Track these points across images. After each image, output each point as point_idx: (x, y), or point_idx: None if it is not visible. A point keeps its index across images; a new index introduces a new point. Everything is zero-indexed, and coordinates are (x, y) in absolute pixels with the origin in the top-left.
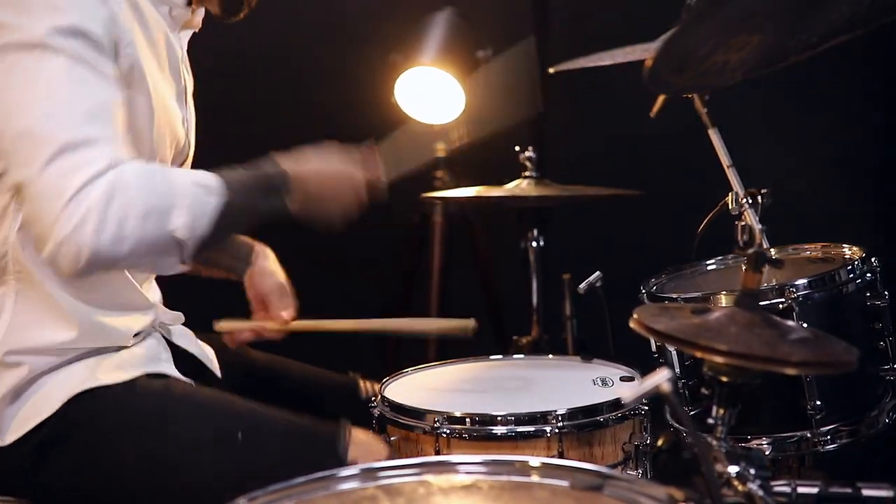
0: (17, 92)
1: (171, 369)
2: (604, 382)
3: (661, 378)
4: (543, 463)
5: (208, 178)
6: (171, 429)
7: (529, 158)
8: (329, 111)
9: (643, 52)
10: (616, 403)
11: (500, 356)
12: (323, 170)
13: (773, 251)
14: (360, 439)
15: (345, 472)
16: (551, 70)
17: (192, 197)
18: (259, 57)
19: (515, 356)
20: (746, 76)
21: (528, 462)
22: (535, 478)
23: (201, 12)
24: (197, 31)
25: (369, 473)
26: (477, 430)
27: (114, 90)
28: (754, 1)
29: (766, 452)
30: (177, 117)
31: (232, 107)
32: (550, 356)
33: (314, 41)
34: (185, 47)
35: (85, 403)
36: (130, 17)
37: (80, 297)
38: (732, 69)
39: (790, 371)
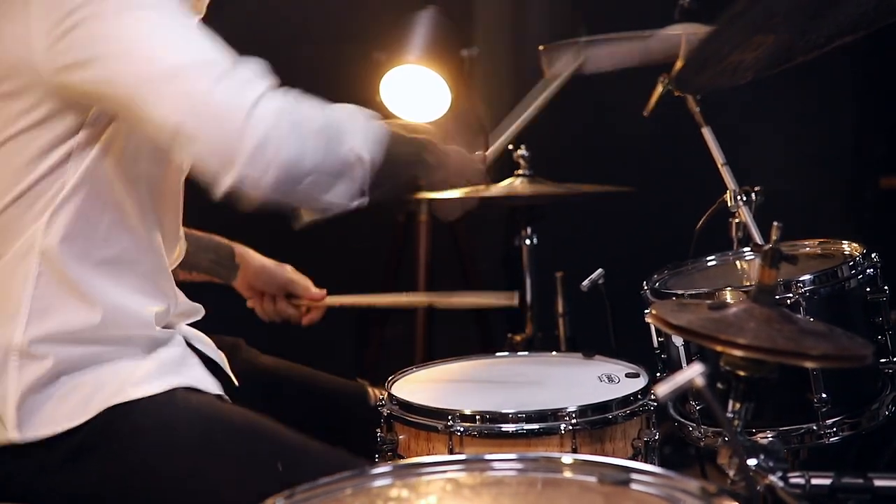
0: (149, 40)
1: (203, 377)
2: (610, 379)
3: (694, 372)
4: (576, 459)
5: (368, 112)
6: (210, 451)
7: (523, 156)
8: None
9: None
10: (625, 400)
11: (504, 353)
12: (456, 149)
13: None
14: None
15: (375, 469)
16: (541, 47)
17: (360, 122)
18: (242, 55)
19: (519, 353)
20: (756, 76)
21: (559, 458)
22: (564, 474)
23: None
24: (201, 16)
25: (398, 471)
26: (489, 428)
27: None
28: (780, 1)
29: None
30: None
31: None
32: (554, 353)
33: (298, 39)
34: None
35: (121, 415)
36: None
37: (113, 284)
38: (745, 69)
39: (811, 364)
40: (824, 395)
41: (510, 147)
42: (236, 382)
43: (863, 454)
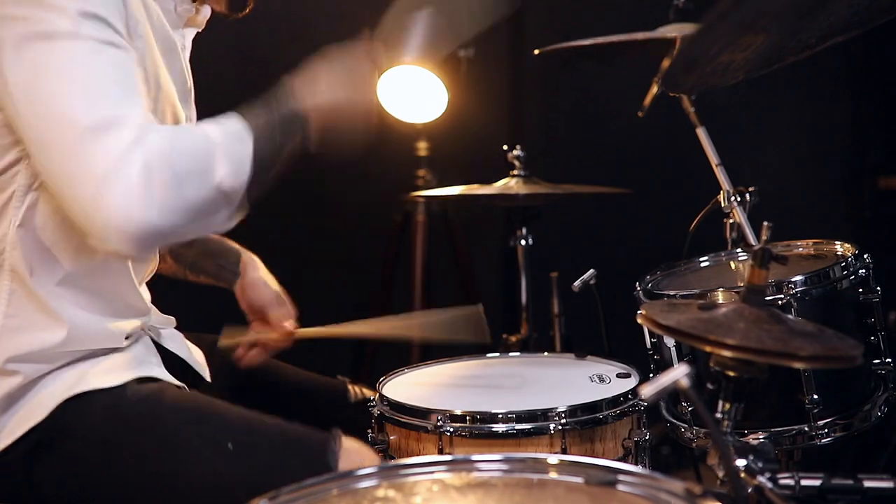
0: (46, 82)
1: (161, 373)
2: (601, 379)
3: (679, 374)
4: (562, 460)
5: (236, 125)
6: (162, 435)
7: (518, 157)
8: None
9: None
10: (615, 400)
11: (495, 354)
12: (336, 100)
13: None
14: (351, 447)
15: (361, 470)
16: (536, 51)
17: (227, 147)
18: (237, 55)
19: (511, 354)
20: (747, 76)
21: (546, 459)
22: (550, 475)
23: (206, 11)
24: (200, 30)
25: (384, 472)
26: (479, 429)
27: (136, 67)
28: (768, 1)
29: None
30: (181, 116)
31: (212, 106)
32: (546, 354)
33: (294, 39)
34: (189, 46)
35: (75, 409)
36: (142, 11)
37: (79, 304)
38: (735, 69)
39: (800, 365)
40: (816, 397)
41: (504, 147)
42: (208, 378)
43: (861, 456)
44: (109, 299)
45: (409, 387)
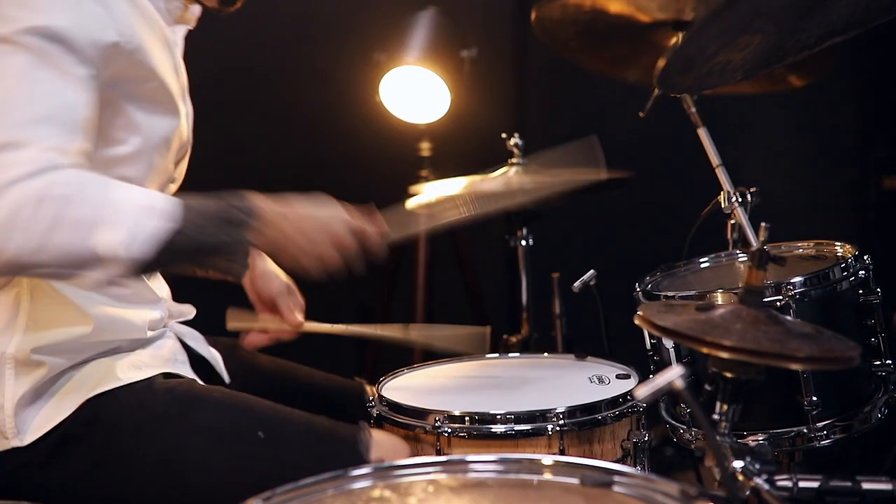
0: None
1: (186, 370)
2: (600, 380)
3: (674, 375)
4: (557, 461)
5: (158, 202)
6: (190, 427)
7: (516, 145)
8: (313, 110)
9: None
10: (614, 401)
11: (495, 354)
12: (301, 214)
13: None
14: (381, 439)
15: (356, 471)
16: (534, 15)
17: (130, 216)
18: (242, 56)
19: (510, 354)
20: (746, 76)
21: (541, 460)
22: (545, 475)
23: (196, 9)
24: (191, 28)
25: (380, 472)
26: (477, 429)
27: (81, 93)
28: (763, 1)
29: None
30: (181, 111)
31: (215, 106)
32: (546, 354)
33: (297, 40)
34: (181, 43)
35: (102, 403)
36: (130, 15)
37: (97, 297)
38: (733, 69)
39: (796, 366)
40: (815, 398)
41: (503, 135)
42: (227, 380)
43: (864, 458)
44: (119, 291)
45: (408, 387)
